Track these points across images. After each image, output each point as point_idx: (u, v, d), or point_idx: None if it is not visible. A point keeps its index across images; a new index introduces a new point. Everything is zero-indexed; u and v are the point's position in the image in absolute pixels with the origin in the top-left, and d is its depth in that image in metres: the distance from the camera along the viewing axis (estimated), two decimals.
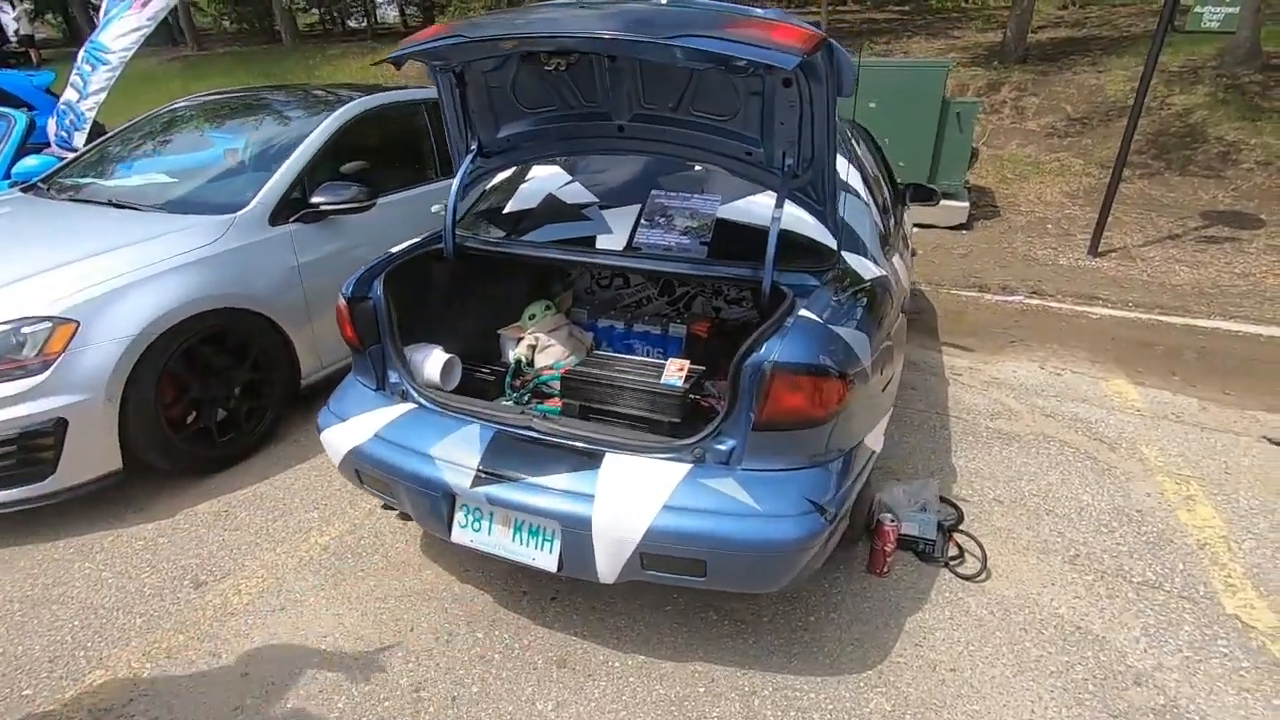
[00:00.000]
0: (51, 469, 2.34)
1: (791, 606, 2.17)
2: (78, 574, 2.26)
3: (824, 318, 1.72)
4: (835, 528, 1.71)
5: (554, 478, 1.72)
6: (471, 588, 2.23)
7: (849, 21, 15.04)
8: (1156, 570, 2.37)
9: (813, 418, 1.66)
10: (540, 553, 1.76)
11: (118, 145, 3.67)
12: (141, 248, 2.61)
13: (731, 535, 1.61)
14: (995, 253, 6.33)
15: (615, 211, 2.23)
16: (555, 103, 2.11)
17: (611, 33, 1.57)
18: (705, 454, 1.71)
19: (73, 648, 1.98)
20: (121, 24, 5.56)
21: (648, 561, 1.68)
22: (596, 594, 2.18)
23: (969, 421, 3.38)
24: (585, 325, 2.46)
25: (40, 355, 2.28)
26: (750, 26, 1.54)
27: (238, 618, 2.10)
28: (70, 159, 3.68)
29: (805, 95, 1.76)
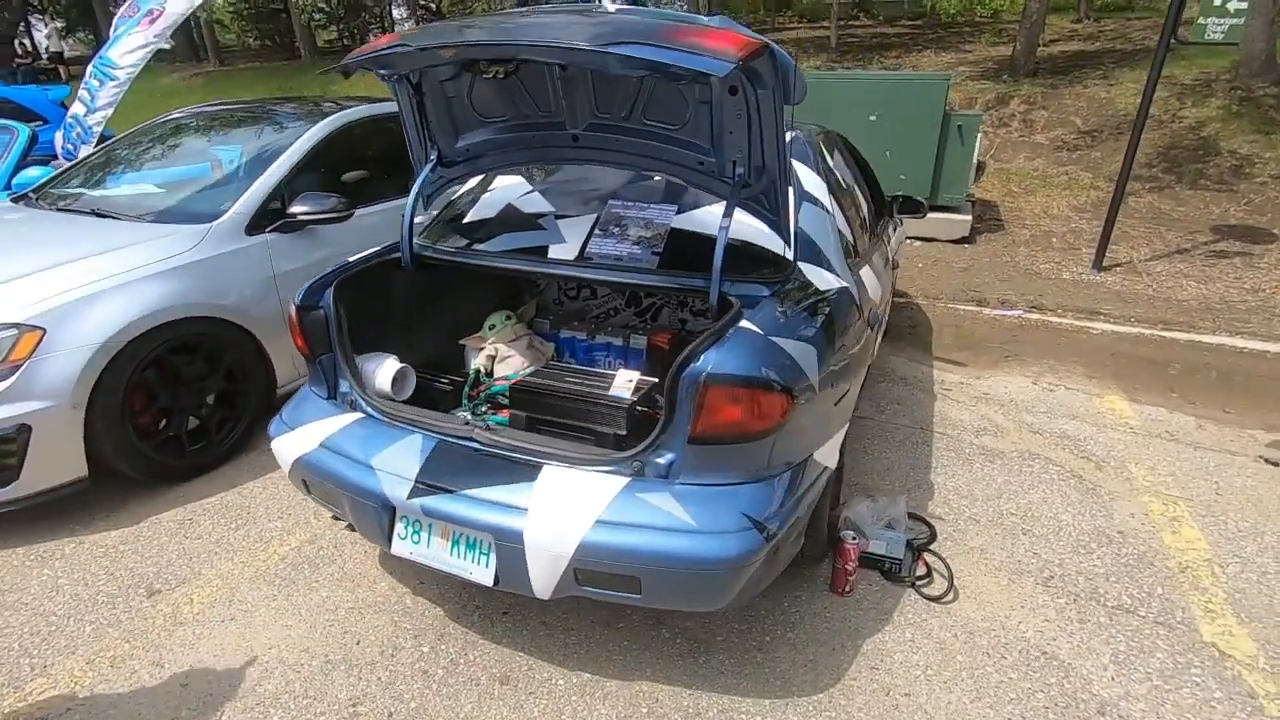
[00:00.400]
0: (15, 475, 2.36)
1: (747, 625, 2.12)
2: (35, 580, 2.27)
3: (766, 329, 1.68)
4: (777, 545, 1.66)
5: (489, 490, 1.69)
6: (424, 601, 2.20)
7: (859, 36, 15.02)
8: (1133, 594, 2.28)
9: (751, 431, 1.61)
10: (477, 566, 1.73)
11: (108, 156, 3.74)
12: (114, 256, 2.64)
13: (664, 552, 1.56)
14: (997, 266, 6.24)
15: (571, 221, 2.21)
16: (511, 112, 2.10)
17: (546, 41, 1.56)
18: (644, 467, 1.67)
19: (18, 655, 1.98)
20: (130, 40, 5.68)
21: (582, 577, 1.64)
22: (548, 610, 2.14)
23: (953, 438, 3.30)
24: (547, 336, 2.44)
25: (5, 361, 2.30)
26: (685, 34, 1.52)
27: (186, 628, 2.08)
28: (62, 170, 3.74)
29: (752, 103, 1.74)
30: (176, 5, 5.73)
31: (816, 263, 2.10)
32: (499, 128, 2.15)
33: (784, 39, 15.88)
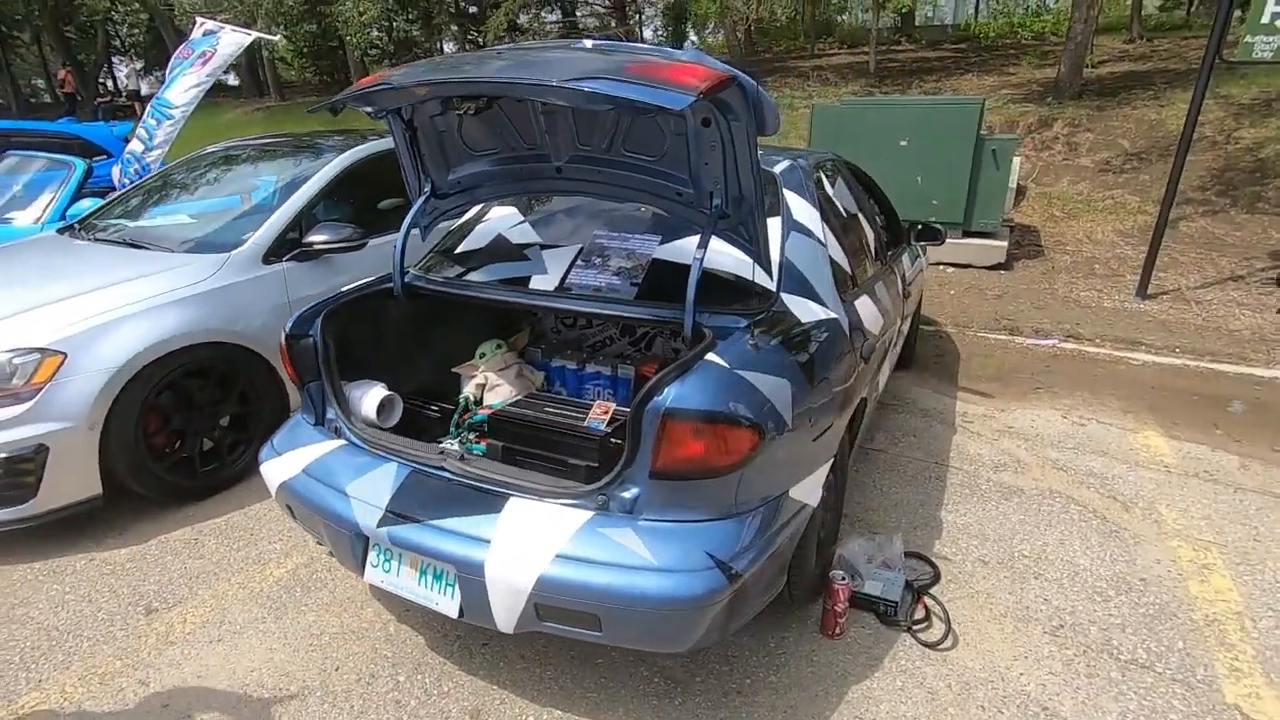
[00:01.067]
0: (33, 493, 2.47)
1: (729, 666, 2.05)
2: (44, 595, 2.36)
3: (734, 362, 1.64)
4: (745, 586, 1.61)
5: (455, 520, 1.69)
6: (406, 629, 2.20)
7: (900, 61, 14.89)
8: (1150, 648, 2.13)
9: (715, 467, 1.58)
10: (443, 597, 1.72)
11: (148, 189, 3.95)
12: (137, 284, 2.77)
13: (623, 590, 1.53)
14: (1033, 294, 6.02)
15: (556, 252, 2.23)
16: (499, 145, 2.14)
17: (513, 78, 1.59)
18: (609, 501, 1.65)
19: (18, 668, 2.05)
20: (184, 80, 6.03)
21: (543, 613, 1.62)
22: (527, 643, 2.12)
23: (969, 473, 3.17)
24: (539, 364, 2.45)
25: (28, 384, 2.43)
26: (649, 69, 1.53)
27: (176, 647, 2.13)
28: (106, 202, 3.97)
29: (725, 135, 1.73)
30: (226, 47, 6.08)
31: (803, 294, 2.06)
32: (488, 160, 2.19)
33: (823, 65, 15.86)
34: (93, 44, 24.45)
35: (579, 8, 19.71)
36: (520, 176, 2.19)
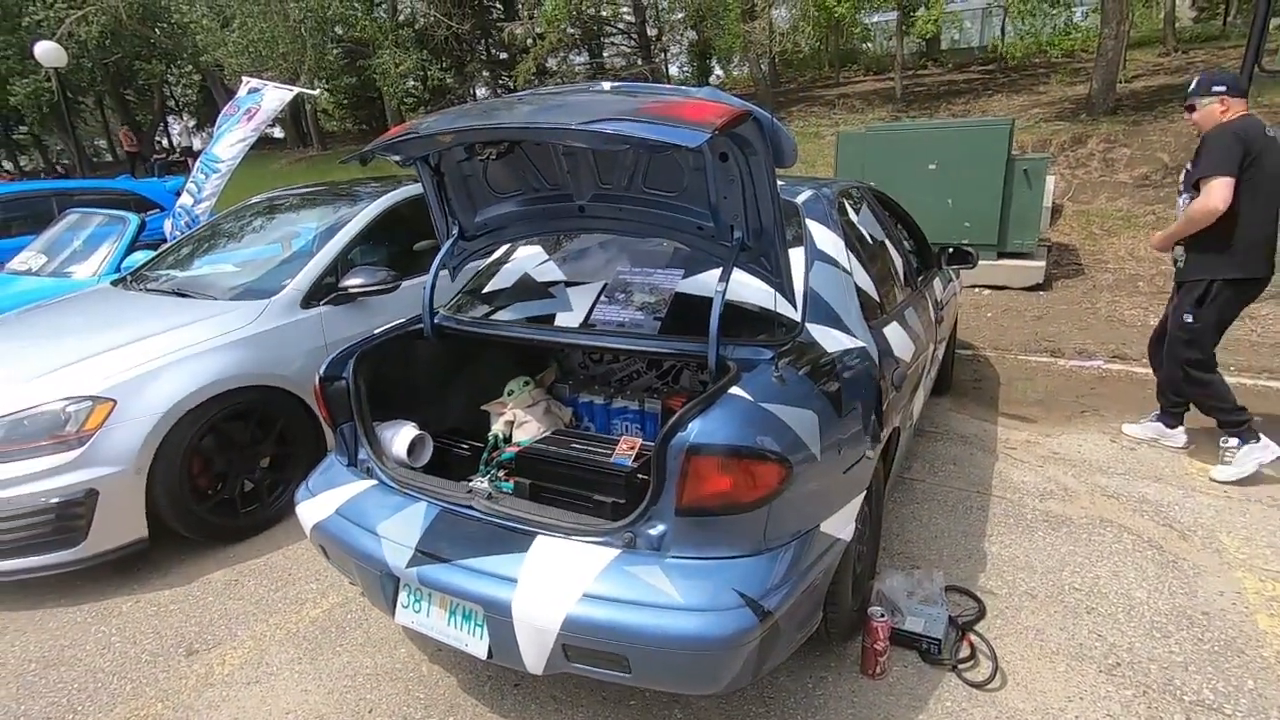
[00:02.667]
0: (83, 536, 2.55)
1: (765, 708, 1.99)
2: (91, 637, 2.42)
3: (758, 395, 1.63)
4: (776, 624, 1.57)
5: (483, 560, 1.69)
6: (439, 669, 2.19)
7: (927, 85, 14.87)
8: (1217, 688, 2.00)
9: (741, 502, 1.55)
10: (472, 638, 1.72)
11: (196, 240, 4.13)
12: (181, 332, 2.88)
13: (649, 630, 1.50)
14: (1075, 314, 5.86)
15: (580, 289, 2.25)
16: (523, 187, 2.19)
17: (533, 122, 1.63)
18: (636, 538, 1.63)
19: (66, 710, 2.10)
20: (231, 136, 6.33)
21: (571, 654, 1.60)
22: (559, 685, 2.09)
23: (1013, 502, 3.06)
24: (566, 401, 2.46)
25: (79, 431, 2.53)
26: (665, 108, 1.55)
27: (215, 689, 2.16)
28: (157, 254, 4.16)
29: (743, 168, 1.74)
30: (270, 103, 6.38)
31: (829, 323, 2.04)
32: (513, 202, 2.24)
33: (849, 93, 15.93)
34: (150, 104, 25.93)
35: (605, 49, 20.21)
36: (545, 216, 2.23)
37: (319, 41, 16.68)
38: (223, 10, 16.50)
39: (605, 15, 18.39)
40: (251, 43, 15.78)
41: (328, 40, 17.50)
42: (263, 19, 15.54)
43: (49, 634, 2.44)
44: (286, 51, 16.11)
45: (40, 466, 2.49)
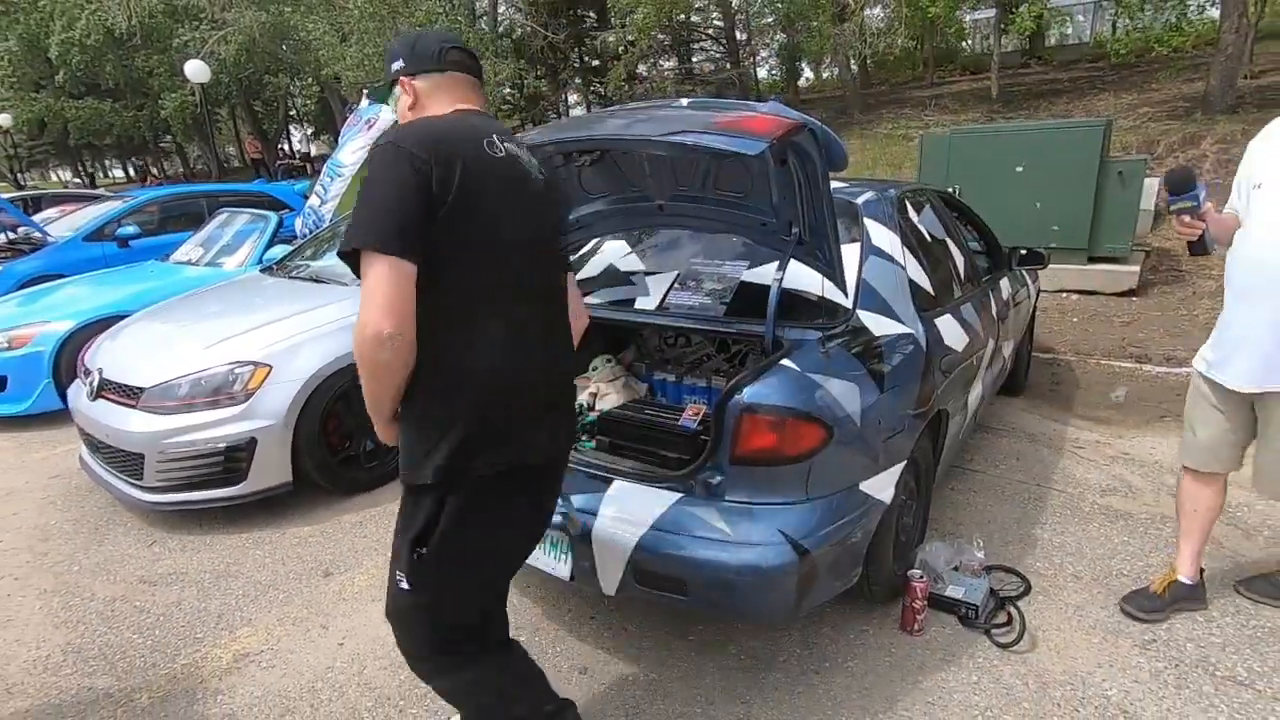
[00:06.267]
0: (244, 477, 3.09)
1: (809, 651, 2.24)
2: (250, 558, 2.94)
3: (805, 366, 1.89)
4: (814, 563, 1.83)
5: (569, 498, 2.04)
6: (528, 601, 2.56)
7: (1028, 84, 14.34)
8: (1252, 666, 2.09)
9: (786, 456, 1.82)
10: (558, 563, 2.07)
11: (324, 236, 4.74)
12: (319, 312, 3.41)
13: (704, 558, 1.80)
14: (1169, 320, 5.68)
15: (658, 277, 2.57)
16: (611, 189, 2.53)
17: (620, 134, 1.96)
18: (696, 485, 1.93)
19: (235, 609, 2.61)
20: (353, 144, 7.05)
21: (639, 576, 1.91)
22: (628, 618, 2.41)
23: (1073, 495, 3.15)
24: (642, 378, 2.78)
25: (244, 389, 3.07)
26: (731, 122, 1.84)
27: (348, 603, 2.61)
28: (296, 247, 4.79)
29: (799, 173, 2.01)
30: (388, 113, 7.05)
31: (879, 310, 2.27)
32: (603, 202, 2.58)
33: (942, 94, 15.54)
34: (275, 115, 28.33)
35: (694, 54, 20.51)
36: (629, 214, 2.56)
37: None
38: (342, 27, 17.91)
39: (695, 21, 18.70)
40: (366, 56, 17.06)
41: None
42: (377, 35, 16.77)
43: (218, 553, 2.99)
44: None
45: (214, 417, 3.04)
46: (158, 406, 3.08)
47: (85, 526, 3.25)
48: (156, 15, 19.68)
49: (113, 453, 3.19)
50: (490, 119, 1.51)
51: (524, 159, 1.47)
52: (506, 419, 1.39)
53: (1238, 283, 2.08)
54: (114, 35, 19.44)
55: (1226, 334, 2.13)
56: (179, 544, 3.06)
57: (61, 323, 4.63)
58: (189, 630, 2.50)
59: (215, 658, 2.35)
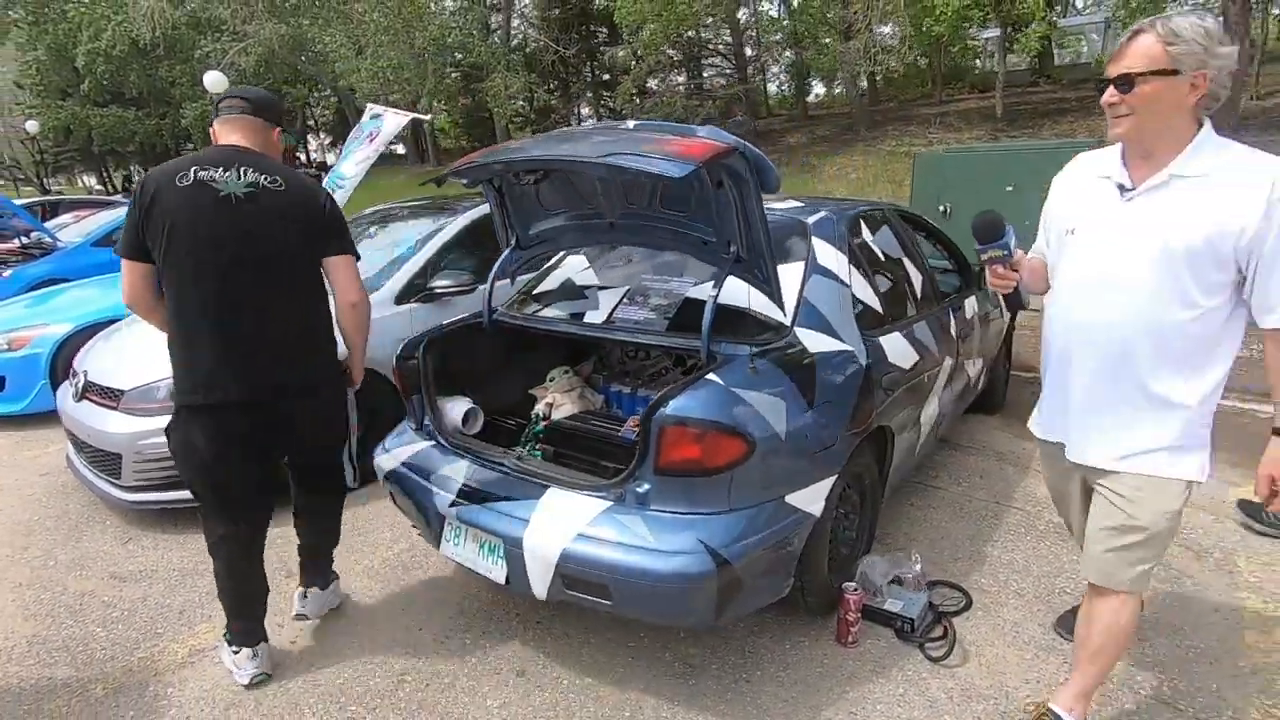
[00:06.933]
0: None
1: (744, 659, 2.28)
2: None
3: (730, 381, 1.95)
4: (735, 573, 1.88)
5: (506, 504, 2.11)
6: (480, 604, 2.63)
7: (1033, 103, 14.37)
8: (1177, 686, 2.12)
9: (706, 467, 1.88)
10: (495, 567, 2.13)
11: None
12: None
13: (626, 564, 1.86)
14: None
15: (609, 292, 2.65)
16: (567, 206, 2.61)
17: (559, 154, 2.05)
18: (626, 494, 1.99)
19: (197, 606, 2.69)
20: (355, 155, 7.20)
21: (568, 582, 1.98)
22: (570, 623, 2.47)
23: (1030, 513, 3.17)
24: (599, 389, 2.85)
25: None
26: (664, 144, 1.92)
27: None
28: None
29: (734, 194, 2.08)
30: (389, 126, 7.21)
31: (818, 328, 2.33)
32: (559, 218, 2.67)
33: (948, 111, 15.60)
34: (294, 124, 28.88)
35: (705, 70, 20.71)
36: (584, 230, 2.65)
37: (439, 67, 18.15)
38: (358, 40, 18.31)
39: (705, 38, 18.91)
40: (381, 69, 17.43)
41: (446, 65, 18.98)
42: (391, 47, 17.13)
43: (188, 552, 3.08)
44: (410, 76, 17.66)
45: None
46: (137, 408, 3.20)
47: (66, 523, 3.37)
48: (180, 27, 20.21)
49: (94, 452, 3.31)
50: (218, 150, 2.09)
51: (217, 176, 2.00)
52: (189, 367, 2.05)
53: (1056, 346, 1.79)
54: (138, 46, 19.98)
55: (1047, 401, 1.87)
56: (152, 542, 3.16)
57: (60, 325, 4.79)
58: (150, 625, 2.59)
59: (172, 652, 2.44)
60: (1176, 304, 1.56)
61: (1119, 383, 1.65)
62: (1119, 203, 1.63)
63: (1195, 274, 1.53)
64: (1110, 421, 1.69)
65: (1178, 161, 1.54)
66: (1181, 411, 1.61)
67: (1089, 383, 1.70)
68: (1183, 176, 1.54)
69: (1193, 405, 1.61)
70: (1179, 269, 1.54)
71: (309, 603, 2.52)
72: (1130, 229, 1.60)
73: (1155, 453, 1.64)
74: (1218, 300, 1.55)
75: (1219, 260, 1.51)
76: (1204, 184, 1.52)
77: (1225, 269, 1.52)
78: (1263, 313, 1.54)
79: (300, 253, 2.11)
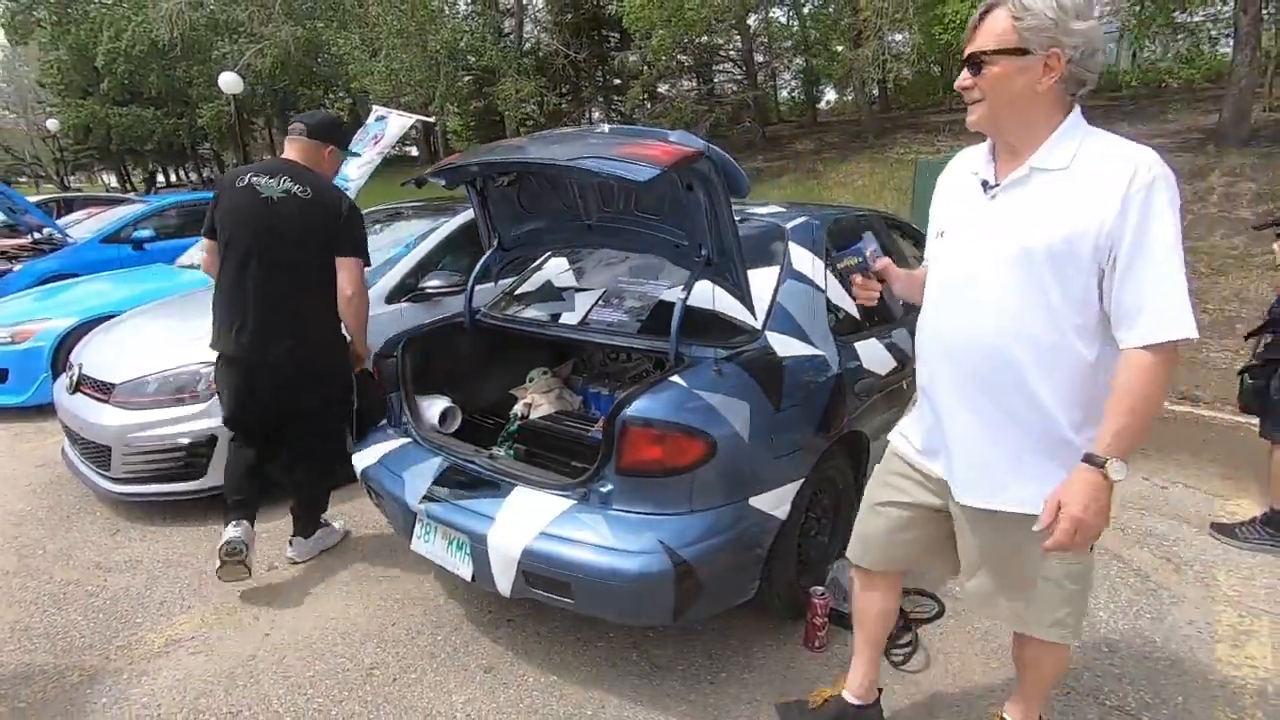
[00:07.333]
0: (204, 472, 3.24)
1: (710, 661, 2.29)
2: (202, 548, 3.06)
3: (694, 383, 1.97)
4: (695, 573, 1.89)
5: (473, 502, 2.13)
6: (454, 602, 2.65)
7: None
8: (1142, 698, 2.10)
9: (667, 468, 1.90)
10: (462, 564, 2.15)
11: None
12: None
13: (586, 563, 1.88)
14: None
15: (586, 294, 2.67)
16: (546, 208, 2.64)
17: (530, 158, 2.08)
18: (589, 493, 2.01)
19: (177, 597, 2.73)
20: (360, 158, 7.31)
21: (530, 579, 1.99)
22: (544, 622, 2.49)
23: None
24: (578, 390, 2.87)
25: (208, 388, 3.22)
26: (633, 148, 1.94)
27: (284, 596, 2.72)
28: None
29: (703, 198, 2.10)
30: (393, 129, 7.31)
31: (790, 333, 2.34)
32: (539, 220, 2.70)
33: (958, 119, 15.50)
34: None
35: (715, 75, 20.74)
36: (564, 232, 2.67)
37: (451, 70, 18.29)
38: (372, 43, 18.49)
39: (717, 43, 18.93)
40: (394, 71, 17.57)
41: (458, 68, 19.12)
42: (404, 50, 17.28)
43: (173, 544, 3.13)
44: (423, 79, 17.80)
45: (178, 414, 3.20)
46: (127, 402, 3.25)
47: (58, 513, 3.42)
48: (198, 28, 20.48)
49: (86, 444, 3.37)
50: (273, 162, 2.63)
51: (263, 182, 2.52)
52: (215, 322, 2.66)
53: (921, 358, 1.61)
54: (158, 46, 20.27)
55: (919, 424, 1.68)
56: (139, 533, 3.21)
57: (64, 319, 4.87)
58: (130, 615, 2.63)
59: (149, 642, 2.47)
60: (1042, 314, 1.35)
61: (989, 403, 1.43)
62: (983, 200, 1.45)
63: (1060, 280, 1.33)
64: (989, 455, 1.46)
65: (1039, 153, 1.36)
66: (1066, 450, 1.37)
67: (953, 402, 1.50)
68: (1044, 169, 1.35)
69: (1078, 445, 1.36)
70: (1041, 273, 1.34)
71: (294, 549, 2.90)
72: (992, 228, 1.42)
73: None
74: (1091, 315, 1.34)
75: (1080, 263, 1.31)
76: (1066, 177, 1.33)
77: (1089, 273, 1.31)
78: (1117, 327, 1.31)
79: (314, 251, 2.54)
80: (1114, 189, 1.26)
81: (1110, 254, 1.28)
